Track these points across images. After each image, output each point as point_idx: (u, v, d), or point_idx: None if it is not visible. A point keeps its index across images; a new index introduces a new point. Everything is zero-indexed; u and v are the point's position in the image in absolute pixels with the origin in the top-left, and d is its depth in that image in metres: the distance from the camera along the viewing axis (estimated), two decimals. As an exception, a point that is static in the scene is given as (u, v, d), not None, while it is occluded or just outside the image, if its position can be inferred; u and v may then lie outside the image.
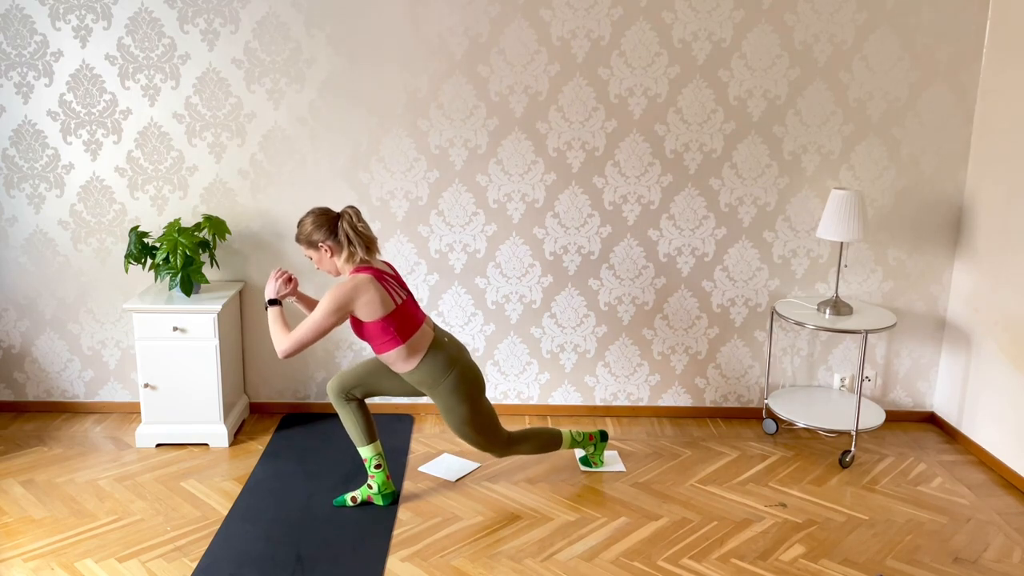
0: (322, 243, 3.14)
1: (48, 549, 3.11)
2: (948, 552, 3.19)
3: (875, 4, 3.94)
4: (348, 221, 3.13)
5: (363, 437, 3.38)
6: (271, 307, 3.21)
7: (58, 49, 3.93)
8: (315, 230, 3.14)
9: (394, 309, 3.11)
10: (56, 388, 4.33)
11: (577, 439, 3.68)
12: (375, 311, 3.08)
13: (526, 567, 3.06)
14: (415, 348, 3.17)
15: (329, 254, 3.16)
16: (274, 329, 3.16)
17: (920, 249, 4.22)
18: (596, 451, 3.77)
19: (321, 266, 3.21)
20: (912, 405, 4.43)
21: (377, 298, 3.07)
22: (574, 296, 4.26)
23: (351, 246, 3.13)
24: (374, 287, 3.07)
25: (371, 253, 3.17)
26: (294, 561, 3.05)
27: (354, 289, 3.06)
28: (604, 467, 3.80)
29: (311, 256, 3.21)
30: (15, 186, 4.08)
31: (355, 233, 3.12)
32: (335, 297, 3.05)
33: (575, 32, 3.95)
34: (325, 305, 3.05)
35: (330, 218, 3.16)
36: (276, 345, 3.13)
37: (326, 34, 3.94)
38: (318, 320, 3.06)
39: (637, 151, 4.09)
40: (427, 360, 3.19)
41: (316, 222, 3.15)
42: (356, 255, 3.14)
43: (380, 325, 3.10)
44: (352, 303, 3.07)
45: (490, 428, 3.34)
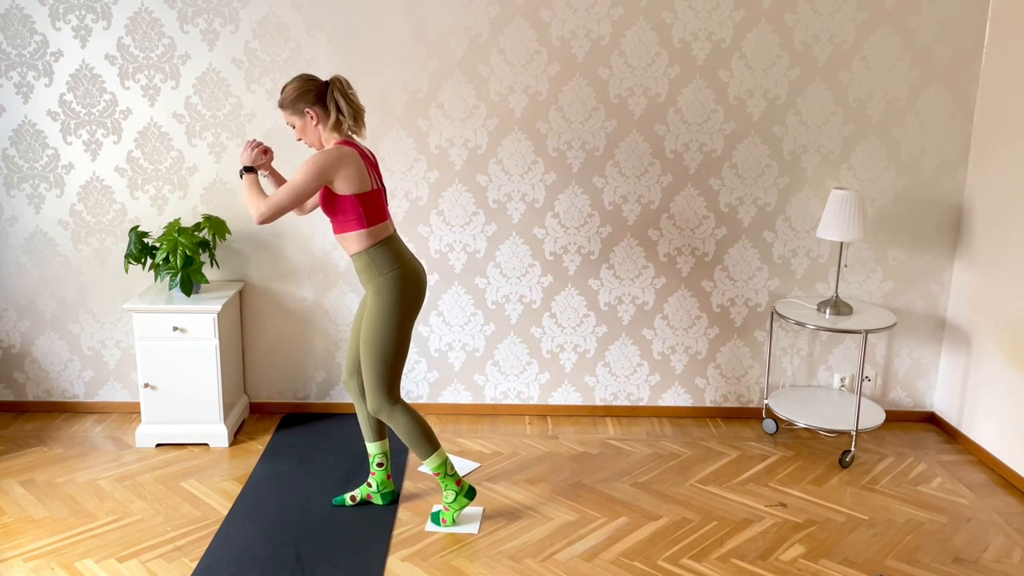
0: (308, 109, 3.01)
1: (48, 549, 3.11)
2: (948, 552, 3.19)
3: (875, 4, 3.94)
4: (339, 88, 3.00)
5: (374, 432, 3.37)
6: (246, 174, 3.08)
7: (58, 49, 3.93)
8: (301, 95, 3.00)
9: (369, 190, 3.01)
10: (56, 388, 4.33)
11: (448, 471, 3.26)
12: (352, 185, 2.96)
13: (526, 567, 3.06)
14: (374, 234, 3.04)
15: (315, 122, 3.03)
16: (250, 195, 3.02)
17: (920, 249, 4.22)
18: (455, 502, 3.28)
19: (304, 136, 3.08)
20: (912, 405, 4.43)
21: (357, 173, 2.97)
22: (574, 296, 4.26)
23: (339, 114, 3.01)
24: (356, 161, 2.97)
25: (359, 124, 3.07)
26: (294, 561, 3.05)
27: (339, 159, 2.94)
28: (454, 527, 3.30)
29: (293, 124, 3.06)
30: (15, 186, 4.08)
31: (345, 101, 3.00)
32: (318, 162, 2.92)
33: (575, 32, 3.95)
34: (306, 169, 2.92)
35: (318, 84, 3.02)
36: (253, 210, 2.98)
37: (326, 34, 3.94)
38: (297, 183, 2.92)
39: (637, 151, 4.09)
40: (378, 248, 3.05)
41: (303, 87, 3.00)
42: (343, 124, 3.03)
43: (352, 201, 2.98)
44: (334, 172, 2.94)
45: (395, 361, 3.11)
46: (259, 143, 3.15)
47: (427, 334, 4.29)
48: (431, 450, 3.21)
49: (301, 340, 4.29)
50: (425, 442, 3.19)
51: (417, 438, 3.18)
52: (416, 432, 3.18)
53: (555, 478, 3.71)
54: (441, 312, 4.27)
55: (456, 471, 3.31)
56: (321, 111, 3.02)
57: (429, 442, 3.20)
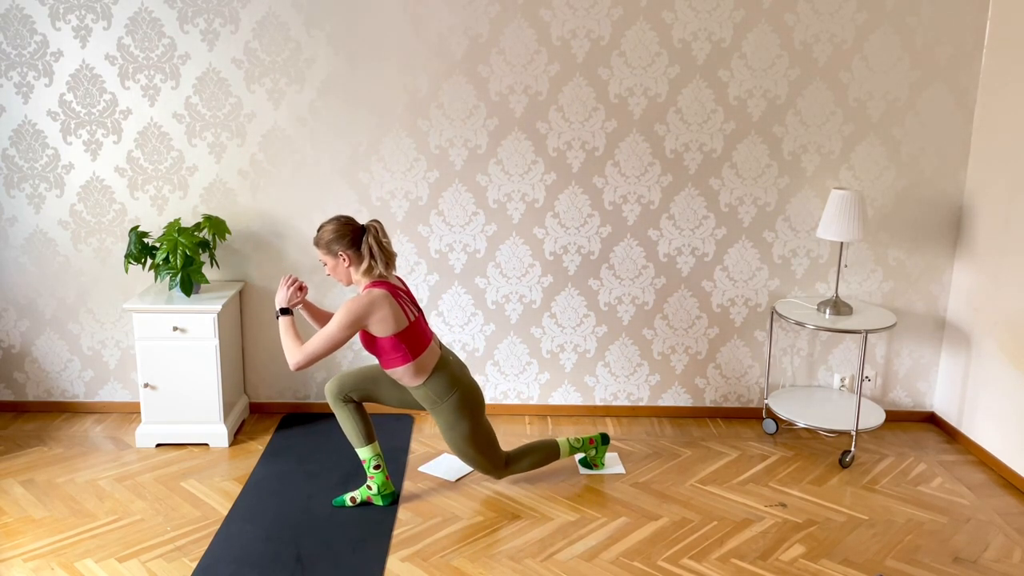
0: (342, 252, 3.13)
1: (48, 549, 3.11)
2: (948, 552, 3.19)
3: (875, 4, 3.94)
4: (374, 235, 3.12)
5: (361, 438, 3.38)
6: (283, 316, 3.20)
7: (58, 49, 3.93)
8: (338, 238, 3.12)
9: (407, 326, 3.13)
10: (56, 388, 4.33)
11: (576, 445, 3.65)
12: (388, 327, 3.09)
13: (526, 567, 3.06)
14: (423, 366, 3.19)
15: (347, 264, 3.15)
16: (286, 340, 3.14)
17: (920, 249, 4.22)
18: (598, 454, 3.75)
19: (334, 274, 3.19)
20: (912, 405, 4.43)
21: (391, 315, 3.08)
22: (574, 296, 4.26)
23: (372, 260, 3.13)
24: (389, 303, 3.08)
25: (389, 269, 3.17)
26: (294, 561, 3.05)
27: (370, 304, 3.06)
28: (604, 469, 3.79)
29: (325, 262, 3.19)
30: (15, 186, 4.08)
31: (379, 248, 3.12)
32: (351, 311, 3.04)
33: (575, 32, 3.95)
34: (340, 319, 3.04)
35: (354, 228, 3.15)
36: (289, 358, 3.11)
37: (326, 34, 3.94)
38: (332, 333, 3.05)
39: (637, 151, 4.09)
40: (433, 378, 3.22)
41: (340, 231, 3.13)
42: (375, 270, 3.14)
43: (392, 341, 3.11)
44: (367, 318, 3.07)
45: (489, 447, 3.38)
46: (294, 280, 3.25)
47: (427, 334, 4.29)
48: (557, 455, 3.59)
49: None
50: (550, 457, 3.57)
51: (544, 460, 3.56)
52: (539, 457, 3.54)
53: (555, 478, 3.72)
54: (441, 312, 4.27)
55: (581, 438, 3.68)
56: (354, 254, 3.14)
57: (551, 454, 3.57)
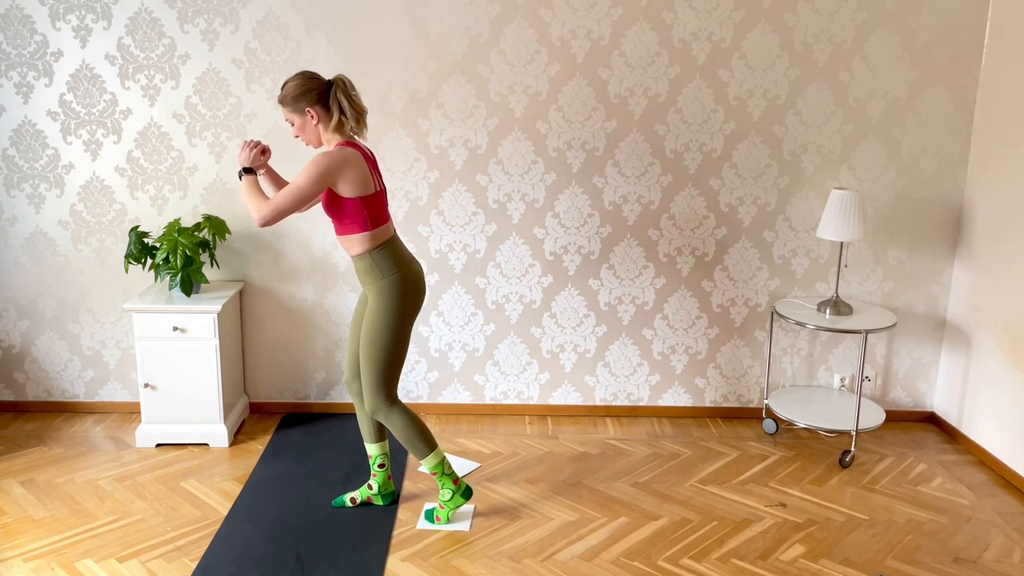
0: (309, 108, 2.96)
1: (48, 549, 3.11)
2: (948, 552, 3.19)
3: (875, 4, 3.94)
4: (342, 89, 2.96)
5: (373, 434, 3.37)
6: (246, 175, 3.04)
7: (58, 49, 3.93)
8: (303, 94, 2.95)
9: (373, 192, 2.99)
10: (56, 388, 4.33)
11: (445, 470, 3.26)
12: (356, 188, 2.93)
13: (526, 567, 3.06)
14: (376, 237, 3.02)
15: (315, 121, 2.98)
16: (250, 196, 2.97)
17: (920, 249, 4.22)
18: (451, 501, 3.30)
19: (302, 134, 3.03)
20: (912, 405, 4.43)
21: (360, 176, 2.94)
22: (574, 296, 4.26)
23: (342, 115, 2.96)
24: (360, 164, 2.94)
25: (361, 126, 3.03)
26: (294, 561, 3.05)
27: (343, 161, 2.90)
28: (447, 525, 3.32)
29: (292, 121, 3.01)
30: (15, 186, 4.08)
31: (348, 102, 2.96)
32: (321, 164, 2.87)
33: (575, 32, 3.95)
34: (309, 171, 2.88)
35: (320, 83, 2.97)
36: (254, 212, 2.94)
37: (326, 34, 3.94)
38: (300, 186, 2.88)
39: (637, 151, 4.09)
40: (380, 250, 3.03)
41: (305, 85, 2.95)
42: (346, 126, 2.98)
43: (356, 204, 2.96)
44: (338, 175, 2.91)
45: (394, 362, 3.11)
46: (257, 143, 3.12)
47: (427, 334, 4.29)
48: (428, 450, 3.21)
49: (301, 340, 4.29)
50: (422, 442, 3.19)
51: (414, 438, 3.18)
52: (413, 432, 3.17)
53: (555, 478, 3.71)
54: (441, 312, 4.27)
55: (454, 470, 3.31)
56: (322, 111, 2.99)
57: (426, 442, 3.20)
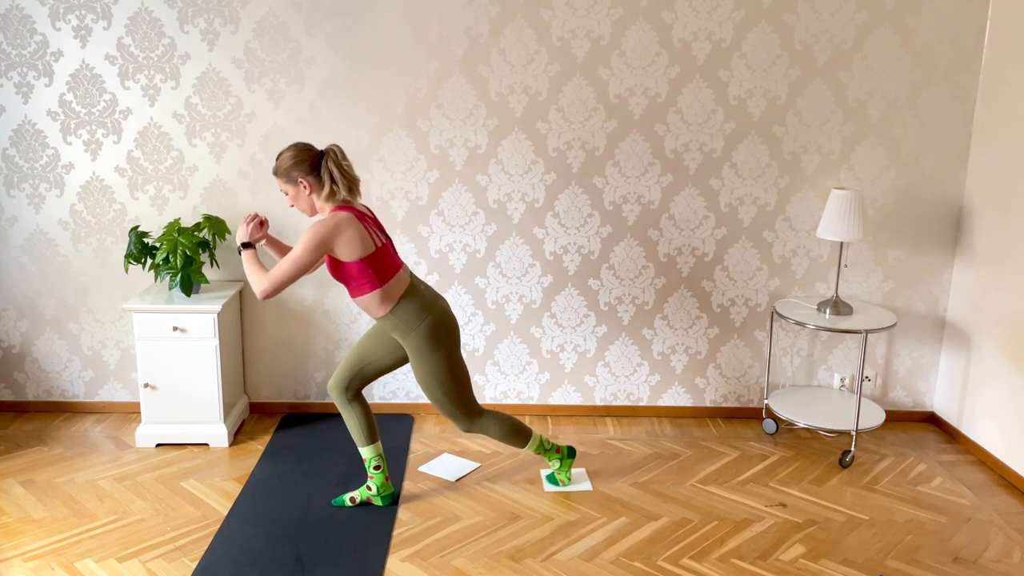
0: (302, 179, 3.03)
1: (48, 549, 3.11)
2: (948, 552, 3.20)
3: (875, 4, 3.94)
4: (333, 159, 3.03)
5: (365, 437, 3.38)
6: (244, 250, 3.11)
7: (58, 49, 3.93)
8: (296, 164, 3.02)
9: (374, 251, 3.03)
10: (56, 388, 4.33)
11: (546, 446, 3.53)
12: (355, 251, 2.99)
13: (526, 567, 3.06)
14: (391, 293, 3.08)
15: (308, 191, 3.05)
16: (250, 271, 3.04)
17: (920, 249, 4.22)
18: (562, 466, 3.60)
19: (296, 203, 3.10)
20: (912, 405, 4.43)
21: (357, 237, 2.98)
22: (574, 296, 4.26)
23: (333, 184, 3.03)
24: (355, 226, 2.99)
25: (353, 194, 3.08)
26: (294, 561, 3.05)
27: (336, 226, 2.96)
28: (570, 485, 3.63)
29: (287, 191, 3.09)
30: (15, 186, 4.08)
31: (339, 172, 3.02)
32: (316, 233, 2.94)
33: (575, 32, 3.95)
34: (305, 241, 2.94)
35: (312, 154, 3.05)
36: (255, 286, 3.00)
37: (326, 34, 3.94)
38: (298, 256, 2.95)
39: (637, 151, 4.09)
40: (402, 304, 3.09)
41: (297, 156, 3.03)
42: (338, 194, 3.05)
43: (359, 266, 3.01)
44: (333, 240, 2.96)
45: (461, 388, 3.22)
46: (255, 216, 3.19)
47: (427, 334, 4.29)
48: (527, 439, 3.44)
49: (301, 340, 4.29)
50: (518, 435, 3.41)
51: (510, 436, 3.39)
52: (507, 430, 3.38)
53: (555, 478, 3.72)
54: (441, 312, 4.27)
55: (552, 443, 3.57)
56: (315, 181, 3.05)
57: (522, 433, 3.42)
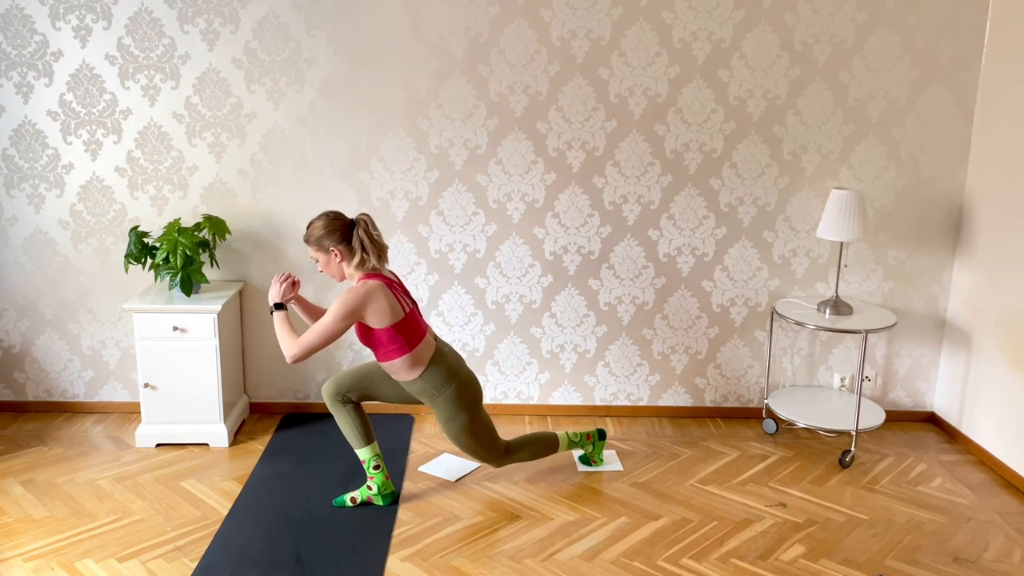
0: (333, 247, 3.14)
1: (48, 549, 3.11)
2: (948, 552, 3.19)
3: (875, 4, 3.94)
4: (363, 228, 3.13)
5: (360, 439, 3.38)
6: (276, 311, 3.20)
7: (58, 49, 3.93)
8: (327, 234, 3.13)
9: (403, 317, 3.12)
10: (56, 388, 4.33)
11: (574, 440, 3.68)
12: (384, 318, 3.09)
13: (526, 567, 3.06)
14: (419, 358, 3.19)
15: (339, 259, 3.16)
16: (281, 334, 3.13)
17: (920, 249, 4.22)
18: (595, 450, 3.78)
19: (327, 270, 3.20)
20: (912, 405, 4.43)
21: (387, 306, 3.08)
22: (574, 296, 4.26)
23: (364, 253, 3.13)
24: (385, 294, 3.08)
25: (382, 262, 3.17)
26: (294, 561, 3.05)
27: (366, 295, 3.06)
28: (603, 466, 3.80)
29: (317, 259, 3.19)
30: (15, 186, 4.08)
31: (370, 241, 3.12)
32: (347, 303, 3.04)
33: (575, 32, 3.95)
34: (336, 310, 3.04)
35: (343, 223, 3.15)
36: (285, 351, 3.10)
37: (326, 34, 3.94)
38: (328, 325, 3.05)
39: (637, 151, 4.09)
40: (430, 370, 3.21)
41: (329, 226, 3.13)
42: (367, 263, 3.15)
43: (388, 333, 3.11)
44: (363, 309, 3.07)
45: (488, 437, 3.37)
46: (288, 276, 3.24)
47: (427, 334, 4.29)
48: (556, 447, 3.61)
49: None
50: (548, 448, 3.58)
51: (542, 451, 3.56)
52: (537, 450, 3.55)
53: (555, 478, 3.72)
54: (441, 312, 4.27)
55: (579, 433, 3.72)
56: (345, 249, 3.14)
57: (550, 445, 3.58)
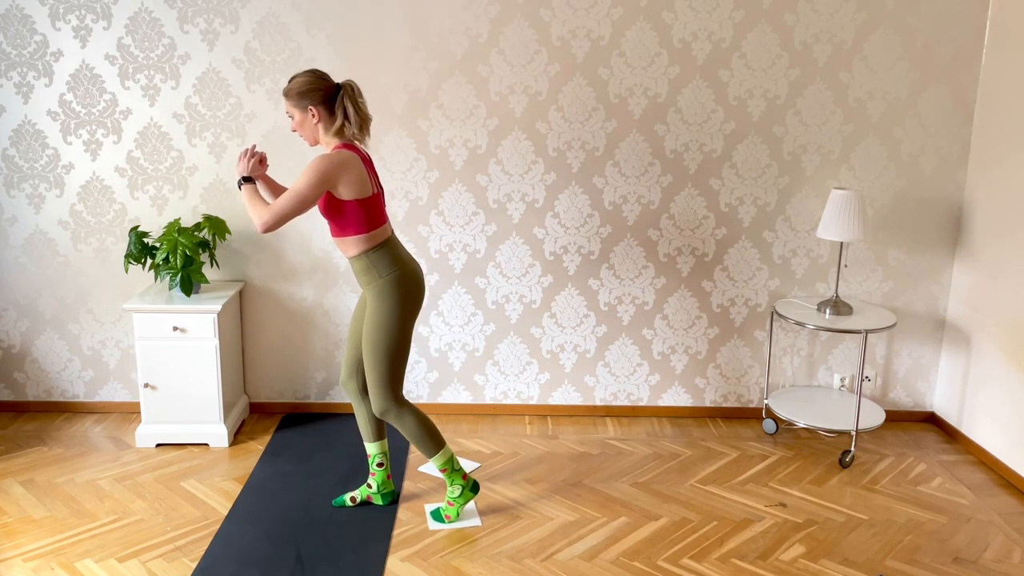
0: (312, 107, 2.97)
1: (48, 549, 3.11)
2: (948, 552, 3.20)
3: (875, 4, 3.94)
4: (349, 94, 2.97)
5: (372, 433, 3.37)
6: (245, 184, 3.05)
7: (58, 49, 3.93)
8: (309, 91, 2.95)
9: (370, 195, 2.99)
10: (56, 388, 4.33)
11: (455, 466, 3.29)
12: (354, 191, 2.93)
13: (526, 567, 3.06)
14: (373, 239, 3.03)
15: (316, 120, 2.99)
16: (252, 205, 2.97)
17: (920, 249, 4.23)
18: (460, 496, 3.31)
19: (300, 130, 3.03)
20: (912, 405, 4.43)
21: (359, 179, 2.94)
22: (574, 296, 4.26)
23: (346, 120, 2.97)
24: (359, 166, 2.95)
25: (363, 133, 3.03)
26: (294, 561, 3.05)
27: (342, 164, 2.91)
28: (457, 522, 3.33)
29: (293, 115, 3.01)
30: (15, 186, 4.08)
31: (355, 108, 2.97)
32: (321, 168, 2.88)
33: (575, 32, 3.95)
34: (310, 175, 2.87)
35: (328, 84, 2.99)
36: (256, 220, 2.93)
37: (326, 34, 3.94)
38: (300, 190, 2.87)
39: (637, 151, 4.09)
40: (377, 251, 3.04)
41: (313, 83, 2.96)
42: (347, 131, 2.99)
43: (353, 206, 2.96)
44: (336, 178, 2.91)
45: (397, 359, 3.11)
46: (254, 149, 3.13)
47: (427, 334, 4.29)
48: (437, 448, 3.24)
49: (301, 340, 4.29)
50: (431, 441, 3.22)
51: (423, 437, 3.21)
52: (422, 431, 3.20)
53: (555, 478, 3.72)
54: (441, 312, 4.27)
55: (462, 467, 3.34)
56: (325, 112, 2.99)
57: (435, 440, 3.23)
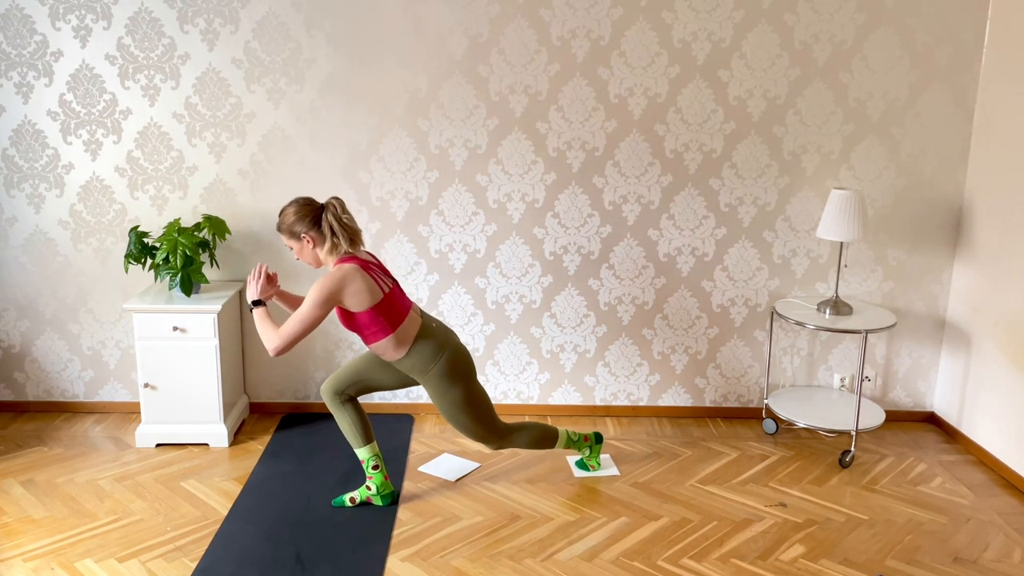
0: (304, 234, 3.09)
1: (48, 549, 3.11)
2: (948, 552, 3.20)
3: (875, 4, 3.94)
4: (332, 212, 3.08)
5: (360, 439, 3.38)
6: (256, 308, 3.17)
7: (58, 49, 3.93)
8: (297, 220, 3.08)
9: (382, 298, 3.08)
10: (56, 388, 4.33)
11: (573, 439, 3.64)
12: (363, 301, 3.05)
13: (526, 567, 3.06)
14: (405, 335, 3.14)
15: (311, 245, 3.12)
16: (262, 329, 3.11)
17: (920, 249, 4.22)
18: (592, 453, 3.74)
19: (302, 256, 3.16)
20: (912, 405, 4.43)
21: (364, 287, 3.04)
22: (574, 296, 4.26)
23: (334, 237, 3.09)
24: (360, 276, 3.04)
25: (355, 245, 3.13)
26: (294, 561, 3.05)
27: (341, 279, 3.02)
28: (599, 470, 3.77)
29: (292, 246, 3.15)
30: (15, 186, 4.09)
31: (339, 225, 3.08)
32: (322, 288, 3.01)
33: (575, 32, 3.95)
34: (312, 297, 3.00)
35: (313, 208, 3.11)
36: (267, 344, 3.07)
37: (326, 34, 3.94)
38: (306, 313, 3.02)
39: (637, 151, 4.09)
40: (417, 346, 3.16)
41: (299, 212, 3.09)
42: (339, 247, 3.10)
43: (369, 315, 3.07)
44: (339, 293, 3.03)
45: (484, 414, 3.30)
46: (263, 270, 3.22)
47: (427, 334, 4.29)
48: (555, 440, 3.55)
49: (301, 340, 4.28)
50: (547, 439, 3.51)
51: (540, 441, 3.49)
52: (536, 438, 3.48)
53: (555, 478, 3.72)
54: (441, 312, 4.27)
55: (579, 433, 3.68)
56: (317, 235, 3.11)
57: (550, 436, 3.52)
